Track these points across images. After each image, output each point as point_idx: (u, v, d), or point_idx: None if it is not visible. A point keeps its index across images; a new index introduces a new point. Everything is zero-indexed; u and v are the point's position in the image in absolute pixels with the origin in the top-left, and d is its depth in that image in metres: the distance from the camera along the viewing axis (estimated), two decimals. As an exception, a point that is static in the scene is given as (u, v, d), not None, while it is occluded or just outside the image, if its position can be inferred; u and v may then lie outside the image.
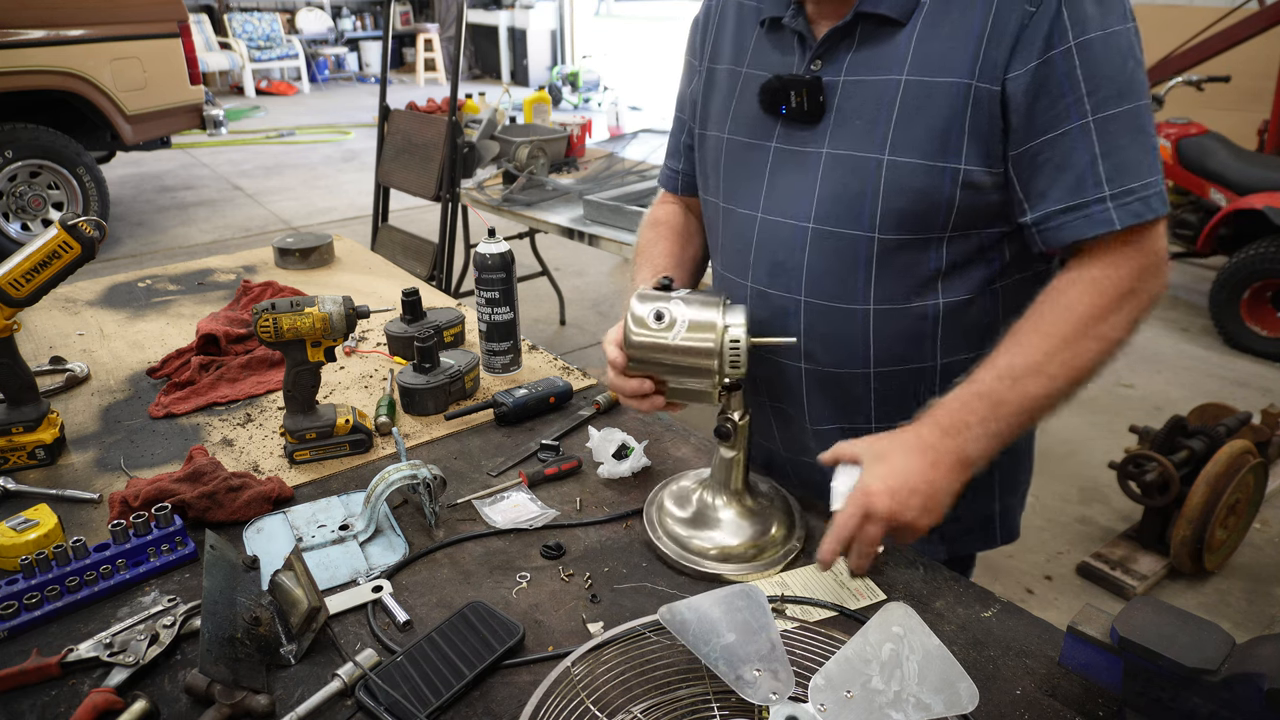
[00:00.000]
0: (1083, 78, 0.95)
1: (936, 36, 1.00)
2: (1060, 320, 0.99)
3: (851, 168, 1.05)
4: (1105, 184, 0.97)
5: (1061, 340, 0.98)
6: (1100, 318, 0.98)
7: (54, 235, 1.27)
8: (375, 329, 1.82)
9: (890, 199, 1.04)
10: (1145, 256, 0.99)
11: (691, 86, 1.28)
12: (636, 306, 1.06)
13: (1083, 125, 0.96)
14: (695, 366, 1.04)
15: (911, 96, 1.01)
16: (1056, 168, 0.98)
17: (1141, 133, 0.97)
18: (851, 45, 1.06)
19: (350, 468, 1.33)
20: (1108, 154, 0.96)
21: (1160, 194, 0.98)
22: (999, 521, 1.27)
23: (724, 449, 1.11)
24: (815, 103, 1.07)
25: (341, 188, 7.42)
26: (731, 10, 1.22)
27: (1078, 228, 0.99)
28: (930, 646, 0.83)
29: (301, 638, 0.96)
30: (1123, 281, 0.99)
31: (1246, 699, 0.74)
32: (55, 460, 1.35)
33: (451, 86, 3.70)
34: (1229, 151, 4.50)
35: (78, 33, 5.26)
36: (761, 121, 1.14)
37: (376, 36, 13.57)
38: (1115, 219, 0.97)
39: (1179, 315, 4.75)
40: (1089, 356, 0.98)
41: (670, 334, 1.04)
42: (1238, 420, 2.86)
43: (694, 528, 1.12)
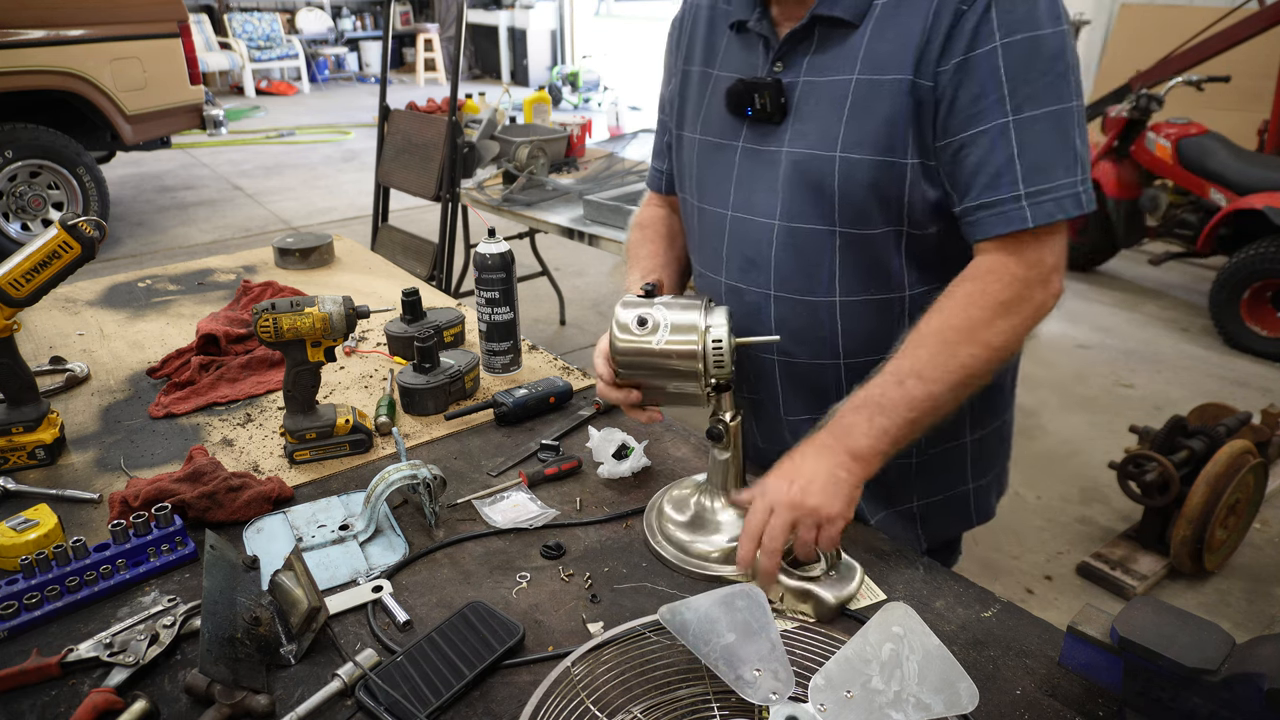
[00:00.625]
0: (1005, 78, 0.97)
1: (884, 37, 1.04)
2: (943, 327, 1.02)
3: (811, 166, 1.09)
4: (1020, 183, 0.99)
5: (942, 345, 1.01)
6: (979, 327, 1.00)
7: (54, 235, 1.27)
8: (375, 329, 1.82)
9: (847, 194, 1.07)
10: (1030, 269, 1.01)
11: (670, 88, 1.32)
12: (621, 313, 1.07)
13: (1003, 124, 0.98)
14: (681, 370, 1.06)
15: (861, 95, 1.05)
16: (976, 164, 1.01)
17: (1064, 135, 0.99)
18: (810, 47, 1.10)
19: (350, 468, 1.33)
20: (1024, 153, 0.98)
21: (1075, 196, 1.00)
22: (973, 501, 1.30)
23: (717, 450, 1.12)
24: (778, 104, 1.11)
25: (341, 188, 7.41)
26: (705, 12, 1.25)
27: (993, 224, 1.01)
28: (930, 646, 0.83)
29: (301, 638, 0.96)
30: (1001, 292, 1.01)
31: (1246, 699, 0.74)
32: (55, 460, 1.35)
33: (451, 86, 3.70)
34: (1229, 151, 4.50)
35: (78, 33, 5.26)
36: (729, 122, 1.17)
37: (376, 36, 13.57)
38: (1029, 217, 0.99)
39: (1179, 315, 4.75)
40: (970, 362, 1.00)
41: (654, 338, 1.05)
42: (1238, 420, 2.86)
43: (694, 531, 1.12)
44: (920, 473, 1.24)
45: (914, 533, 1.28)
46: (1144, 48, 5.54)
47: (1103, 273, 5.40)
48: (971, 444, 1.26)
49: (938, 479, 1.26)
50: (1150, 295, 5.04)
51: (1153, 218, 4.87)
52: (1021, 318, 1.02)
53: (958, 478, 1.28)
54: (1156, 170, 4.74)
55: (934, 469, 1.25)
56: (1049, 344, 4.42)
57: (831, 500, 0.97)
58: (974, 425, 1.25)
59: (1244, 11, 4.69)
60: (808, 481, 0.97)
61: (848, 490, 0.98)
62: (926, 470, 1.24)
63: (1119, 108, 4.75)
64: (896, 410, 1.00)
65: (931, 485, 1.26)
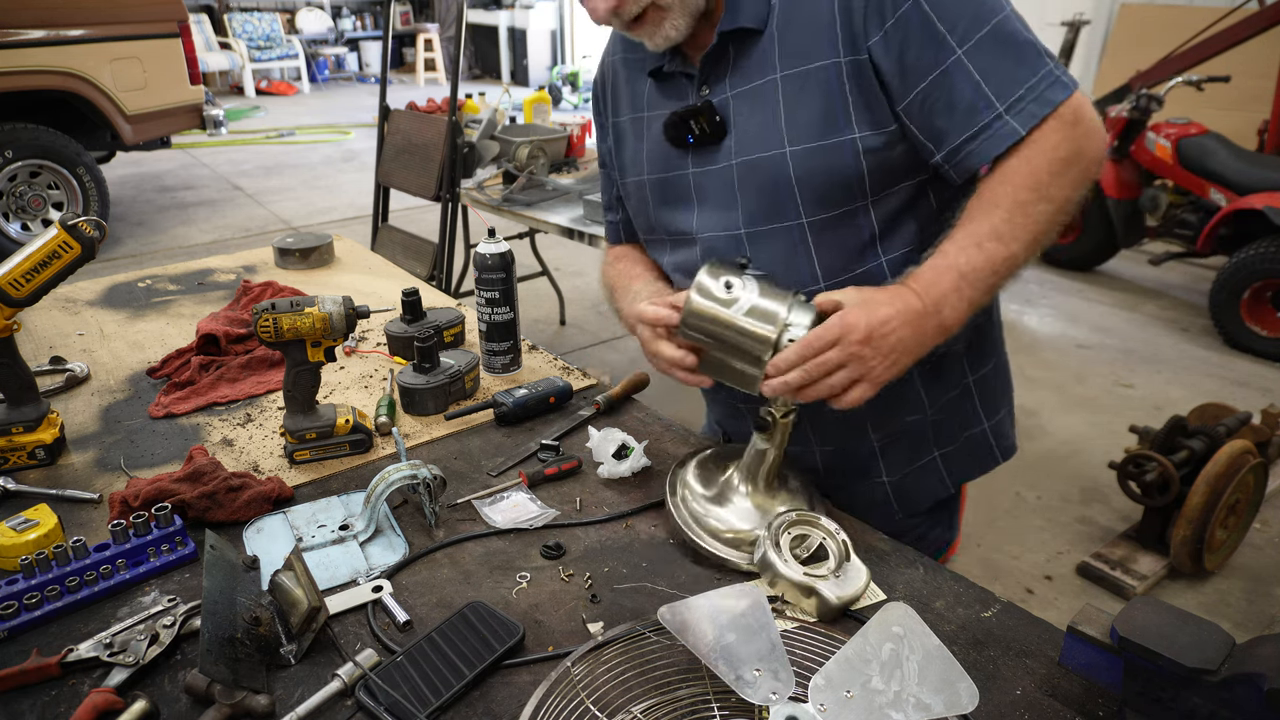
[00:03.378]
0: (938, 20, 1.01)
1: (793, 28, 1.08)
2: (1007, 191, 1.02)
3: (760, 167, 1.12)
4: (996, 102, 1.01)
5: (1013, 205, 1.01)
6: (1046, 181, 1.01)
7: (54, 235, 1.27)
8: (375, 329, 1.82)
9: (804, 183, 1.10)
10: (1066, 125, 1.02)
11: (605, 144, 1.36)
12: (705, 275, 1.03)
13: (955, 61, 1.01)
14: (746, 350, 1.02)
15: (791, 89, 1.08)
16: (947, 105, 1.03)
17: (1011, 43, 1.01)
18: (728, 64, 1.14)
19: (350, 468, 1.33)
20: (987, 76, 1.01)
21: (1056, 82, 1.01)
22: (993, 440, 1.33)
23: (759, 440, 1.11)
24: (715, 124, 1.14)
25: (341, 188, 7.42)
26: (620, 67, 1.31)
27: (986, 149, 1.03)
28: (930, 646, 0.83)
29: (301, 638, 0.96)
30: (1056, 148, 1.01)
31: (1246, 699, 0.74)
32: (55, 460, 1.35)
33: (451, 86, 3.70)
34: (1229, 151, 4.50)
35: (78, 33, 5.26)
36: (673, 155, 1.21)
37: (376, 36, 13.57)
38: (1017, 127, 1.01)
39: (1179, 315, 4.76)
40: (1043, 217, 1.02)
41: (732, 308, 1.02)
42: (1238, 420, 2.86)
43: (712, 504, 1.13)
44: (933, 426, 1.27)
45: (940, 480, 1.31)
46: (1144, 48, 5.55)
47: (1103, 273, 5.40)
48: (975, 384, 1.28)
49: (950, 425, 1.28)
50: (1150, 295, 5.04)
51: (1153, 218, 4.87)
52: (1082, 168, 1.03)
53: (971, 419, 1.30)
54: (1156, 170, 4.74)
55: (946, 418, 1.27)
56: (1049, 344, 4.42)
57: (890, 367, 0.98)
58: (971, 368, 1.27)
59: (1244, 11, 4.69)
60: (883, 336, 0.97)
61: (905, 366, 1.00)
62: (938, 422, 1.27)
63: (1119, 108, 4.75)
64: (981, 277, 1.01)
65: (944, 434, 1.28)
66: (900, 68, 1.03)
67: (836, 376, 0.98)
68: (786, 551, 1.03)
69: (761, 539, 1.05)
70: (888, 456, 1.28)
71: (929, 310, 1.00)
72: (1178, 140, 4.60)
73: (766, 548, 1.03)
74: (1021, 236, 1.01)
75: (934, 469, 1.30)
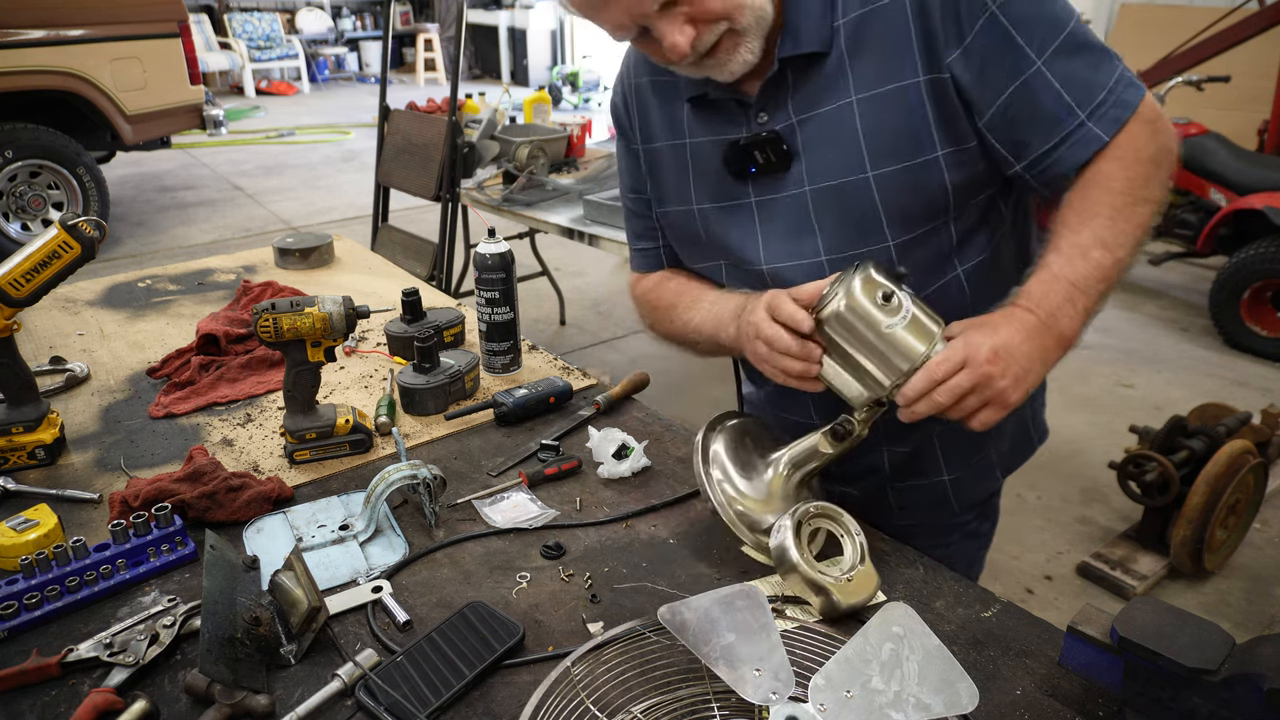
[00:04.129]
0: (1016, 32, 1.00)
1: (866, 51, 1.04)
2: (1104, 197, 1.02)
3: (842, 195, 1.09)
4: (1078, 109, 1.01)
5: (1113, 211, 1.01)
6: (1141, 182, 1.01)
7: (54, 235, 1.27)
8: (375, 329, 1.82)
9: (892, 207, 1.07)
10: (1146, 124, 1.02)
11: (639, 172, 1.29)
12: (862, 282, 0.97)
13: (1035, 72, 1.00)
14: (882, 365, 0.98)
15: (869, 112, 1.05)
16: (1030, 116, 1.02)
17: (1086, 48, 1.01)
18: (788, 90, 1.09)
19: (350, 468, 1.33)
20: (1068, 84, 1.01)
21: (1130, 83, 1.02)
22: (1031, 425, 1.34)
23: (825, 443, 1.08)
24: (781, 153, 1.10)
25: (341, 188, 7.42)
26: (647, 90, 1.23)
27: (1072, 156, 1.03)
28: (930, 646, 0.83)
29: (301, 638, 0.96)
30: (1142, 148, 1.02)
31: (1246, 699, 0.74)
32: (55, 460, 1.35)
33: (451, 86, 3.69)
34: (1229, 151, 4.50)
35: (78, 33, 5.26)
36: (729, 183, 1.16)
37: (376, 36, 13.56)
38: (1100, 133, 1.01)
39: (1179, 315, 4.75)
40: (1143, 218, 1.02)
41: (890, 319, 0.97)
42: (1238, 420, 2.86)
43: (740, 477, 1.11)
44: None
45: (992, 473, 1.31)
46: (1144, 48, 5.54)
47: (1103, 273, 5.39)
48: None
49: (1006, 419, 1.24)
50: (1150, 295, 5.04)
51: (1153, 218, 4.87)
52: (1168, 165, 1.04)
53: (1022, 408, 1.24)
54: (1156, 170, 4.73)
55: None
56: (1049, 344, 4.41)
57: (1019, 387, 0.96)
58: None
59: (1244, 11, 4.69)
60: (1010, 359, 0.95)
61: (1033, 383, 0.98)
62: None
63: (1119, 108, 4.74)
64: (1091, 285, 1.00)
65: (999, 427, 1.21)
66: (981, 82, 1.02)
67: (967, 401, 0.95)
68: (804, 544, 1.01)
69: (782, 525, 1.01)
70: (948, 455, 1.26)
71: (1046, 324, 0.98)
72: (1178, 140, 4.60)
73: (787, 535, 0.99)
74: (1125, 241, 1.01)
75: (988, 463, 1.29)
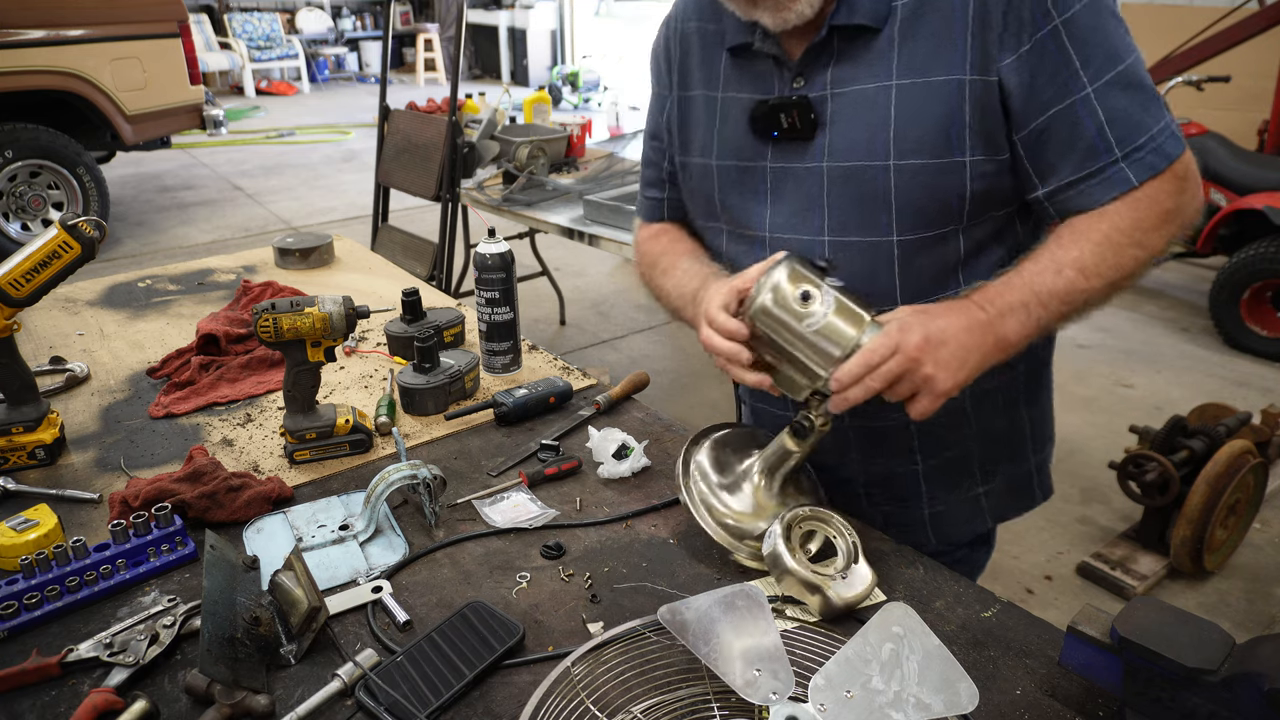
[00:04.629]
0: (1074, 52, 0.98)
1: (919, 36, 1.01)
2: (1103, 228, 1.01)
3: (859, 177, 1.06)
4: (1115, 147, 0.99)
5: (1105, 242, 1.00)
6: (1144, 229, 1.00)
7: (54, 235, 1.27)
8: (375, 329, 1.82)
9: (904, 201, 1.05)
10: (1176, 180, 1.00)
11: (665, 115, 1.27)
12: (784, 278, 0.98)
13: (1083, 97, 0.98)
14: (815, 354, 0.99)
15: (906, 100, 1.02)
16: (1066, 141, 1.00)
17: (1139, 88, 0.99)
18: (830, 59, 1.06)
19: (350, 468, 1.33)
20: (1112, 119, 0.98)
21: (1172, 135, 1.00)
22: (1035, 479, 1.31)
23: (790, 442, 1.09)
24: (807, 120, 1.08)
25: (341, 188, 7.41)
26: (693, 36, 1.21)
27: (1097, 193, 1.01)
28: (930, 646, 0.83)
29: (301, 638, 0.96)
30: (1162, 201, 1.00)
31: (1246, 699, 0.74)
32: (55, 460, 1.35)
33: (451, 86, 3.69)
34: (1229, 151, 4.50)
35: (78, 33, 5.26)
36: (752, 144, 1.14)
37: (376, 36, 13.56)
38: (1131, 176, 0.99)
39: (1179, 315, 4.75)
40: (1130, 262, 1.00)
41: (814, 310, 0.97)
42: (1238, 420, 2.86)
43: (724, 491, 1.12)
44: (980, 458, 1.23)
45: (980, 515, 1.27)
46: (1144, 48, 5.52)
47: (1103, 273, 5.39)
48: (1030, 418, 1.26)
49: (998, 459, 1.24)
50: (1150, 295, 5.03)
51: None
52: (1181, 223, 1.02)
53: (1020, 454, 1.27)
54: (1156, 170, 4.73)
55: (995, 451, 1.24)
56: (1049, 344, 4.42)
57: (949, 377, 0.95)
58: (1027, 401, 1.25)
59: (1244, 11, 4.69)
60: (941, 344, 0.94)
61: (969, 374, 0.97)
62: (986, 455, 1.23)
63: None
64: (1053, 302, 0.99)
65: (991, 467, 1.24)
66: (1028, 94, 0.99)
67: (899, 387, 0.95)
68: (796, 546, 1.01)
69: (772, 531, 1.02)
70: (931, 484, 1.23)
71: (991, 320, 0.98)
72: (1178, 140, 4.59)
73: (777, 540, 1.00)
74: (1105, 274, 0.99)
75: (976, 503, 1.25)
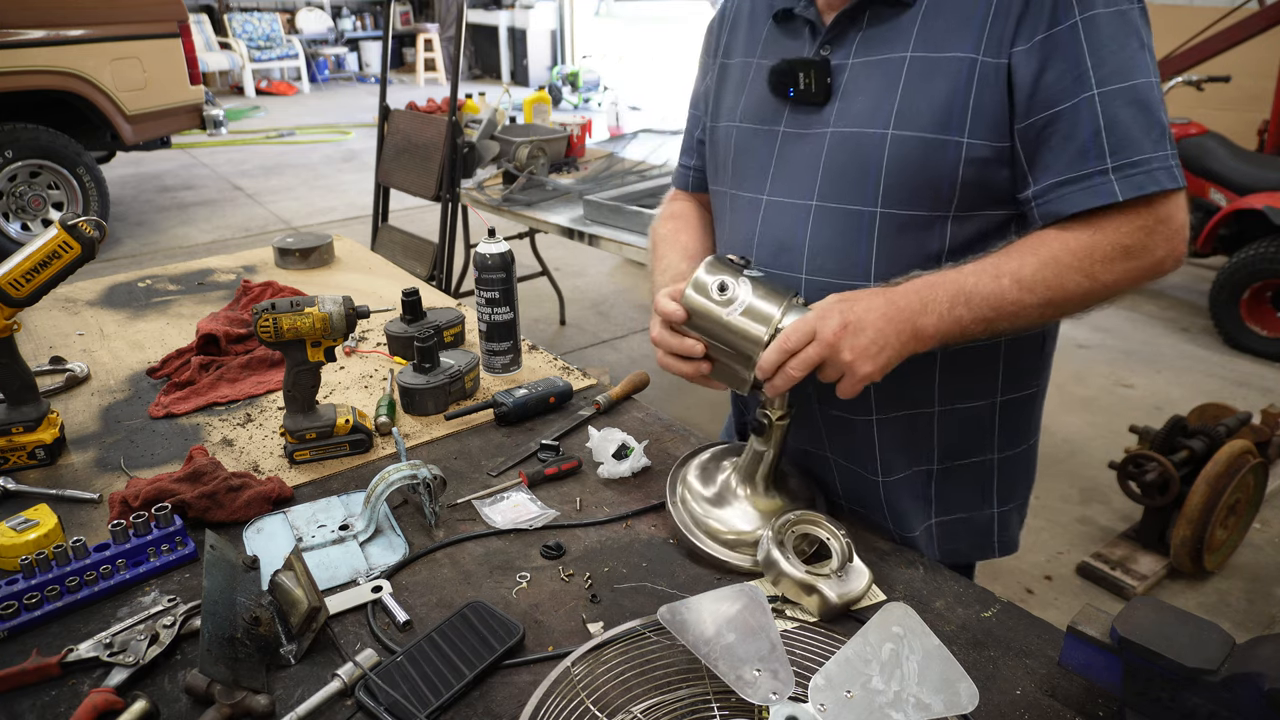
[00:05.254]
0: (1089, 53, 0.96)
1: (942, 14, 1.02)
2: (1054, 246, 0.99)
3: (856, 143, 1.06)
4: (1108, 156, 0.97)
5: (1051, 260, 0.98)
6: (1095, 258, 0.98)
7: (54, 235, 1.26)
8: (375, 329, 1.82)
9: (893, 173, 1.04)
10: (1156, 220, 0.98)
11: (705, 83, 1.30)
12: (703, 272, 1.02)
13: (1088, 98, 0.97)
14: (739, 350, 1.01)
15: (916, 72, 1.03)
16: (1062, 140, 0.99)
17: (1147, 111, 0.97)
18: (860, 28, 1.08)
19: (350, 468, 1.33)
20: (1111, 128, 0.97)
21: (1169, 170, 0.97)
22: (996, 529, 1.25)
23: (756, 442, 1.11)
24: (823, 84, 1.08)
25: (341, 188, 7.41)
26: (746, 6, 1.25)
27: (1079, 198, 0.99)
28: (930, 646, 0.83)
29: (301, 638, 0.96)
30: (1127, 235, 0.98)
31: (1246, 699, 0.74)
32: (55, 460, 1.35)
33: (451, 86, 3.69)
34: (1229, 151, 4.50)
35: (78, 33, 5.26)
36: (770, 106, 1.15)
37: (376, 36, 13.57)
38: (1117, 190, 0.97)
39: (1179, 315, 4.75)
40: (1072, 287, 0.99)
41: (726, 310, 1.01)
42: (1238, 420, 2.86)
43: (713, 506, 1.13)
44: (939, 487, 1.21)
45: (930, 546, 1.23)
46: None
47: (1103, 273, 5.39)
48: (1000, 462, 1.22)
49: (957, 496, 1.22)
50: (1150, 295, 5.03)
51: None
52: (1140, 266, 0.99)
53: (981, 498, 1.23)
54: (1156, 170, 4.73)
55: (954, 488, 1.21)
56: (1049, 344, 4.41)
57: (867, 363, 0.96)
58: (1002, 444, 1.21)
59: (1244, 11, 4.69)
60: (858, 334, 0.96)
61: (888, 360, 0.97)
62: (944, 487, 1.21)
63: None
64: (982, 305, 0.98)
65: (947, 501, 1.21)
66: (1034, 85, 0.98)
67: (825, 372, 0.98)
68: (790, 550, 1.03)
69: (765, 539, 1.04)
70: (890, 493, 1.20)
71: (913, 309, 0.98)
72: (1178, 140, 4.60)
73: (770, 547, 1.02)
74: (1042, 293, 0.98)
75: (929, 532, 1.22)
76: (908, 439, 1.17)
